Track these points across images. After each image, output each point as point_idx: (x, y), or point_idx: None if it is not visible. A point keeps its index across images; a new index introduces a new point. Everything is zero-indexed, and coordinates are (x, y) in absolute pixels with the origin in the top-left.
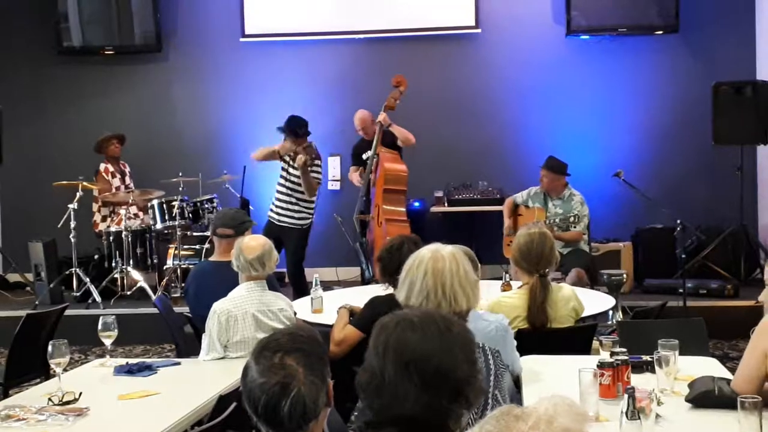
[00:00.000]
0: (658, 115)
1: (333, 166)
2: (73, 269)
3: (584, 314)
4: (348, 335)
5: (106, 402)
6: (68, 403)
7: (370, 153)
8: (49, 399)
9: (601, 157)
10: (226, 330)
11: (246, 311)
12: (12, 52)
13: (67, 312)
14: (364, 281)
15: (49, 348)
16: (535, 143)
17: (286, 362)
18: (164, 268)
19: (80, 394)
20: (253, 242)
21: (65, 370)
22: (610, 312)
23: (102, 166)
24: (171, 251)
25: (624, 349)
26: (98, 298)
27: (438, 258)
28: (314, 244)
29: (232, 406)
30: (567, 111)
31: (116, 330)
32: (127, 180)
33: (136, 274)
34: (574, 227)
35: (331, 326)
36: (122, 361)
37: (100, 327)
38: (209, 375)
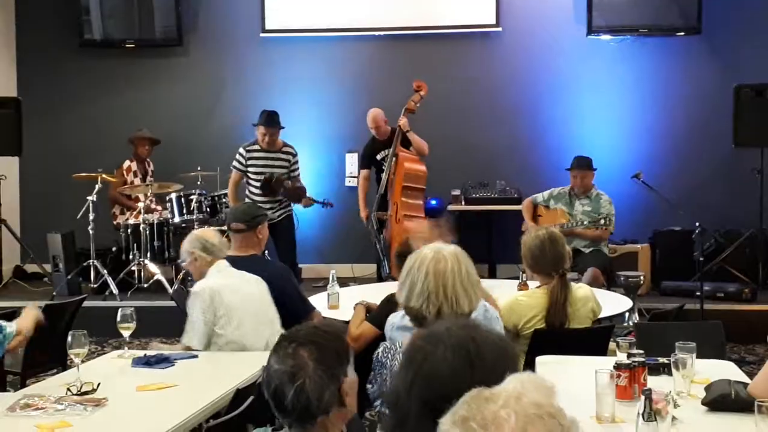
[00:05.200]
0: (678, 117)
1: (351, 162)
2: (91, 261)
3: (601, 315)
4: (364, 332)
5: (124, 393)
6: (86, 393)
7: (385, 153)
8: (68, 389)
9: (620, 158)
10: (210, 306)
11: (224, 284)
12: (34, 44)
13: (84, 303)
14: (381, 278)
15: (69, 338)
16: (554, 143)
17: (298, 353)
18: (180, 261)
19: (98, 384)
20: (202, 230)
21: (83, 360)
22: (627, 314)
23: (126, 164)
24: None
25: (641, 351)
26: (115, 290)
27: (440, 258)
28: (331, 240)
29: (250, 400)
30: (586, 111)
31: (135, 322)
32: (149, 180)
33: (153, 267)
34: (605, 227)
35: (347, 322)
36: (140, 352)
37: (118, 319)
38: (226, 368)
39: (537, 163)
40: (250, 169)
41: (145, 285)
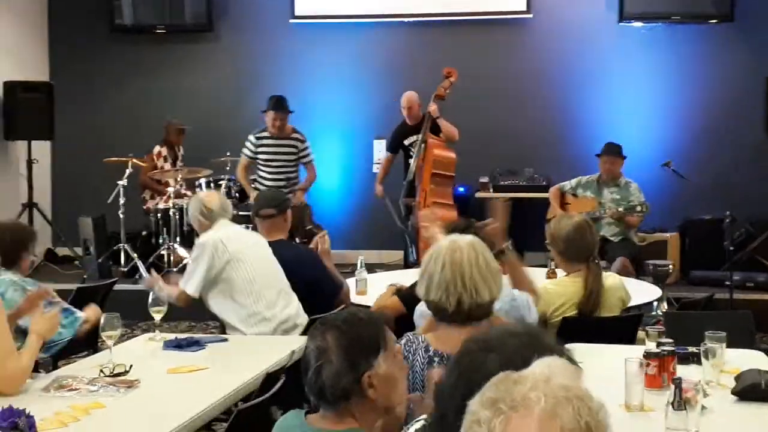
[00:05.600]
0: (709, 105)
1: (379, 149)
2: (121, 245)
3: (630, 304)
4: (390, 304)
5: (156, 375)
6: (119, 375)
7: (414, 138)
8: (101, 371)
9: (649, 146)
10: (214, 255)
11: (231, 234)
12: (66, 29)
13: (114, 287)
14: (408, 264)
15: (102, 320)
16: (584, 131)
17: (325, 335)
18: None
19: (131, 366)
20: (207, 193)
21: (115, 343)
22: (655, 303)
23: (156, 149)
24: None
25: (671, 340)
26: (145, 274)
27: (455, 249)
28: (357, 227)
29: (280, 383)
30: (617, 99)
31: (166, 305)
32: (179, 165)
33: (182, 251)
34: (641, 213)
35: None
36: (171, 335)
37: (150, 302)
38: (257, 351)
39: (566, 152)
40: (260, 156)
41: (175, 269)
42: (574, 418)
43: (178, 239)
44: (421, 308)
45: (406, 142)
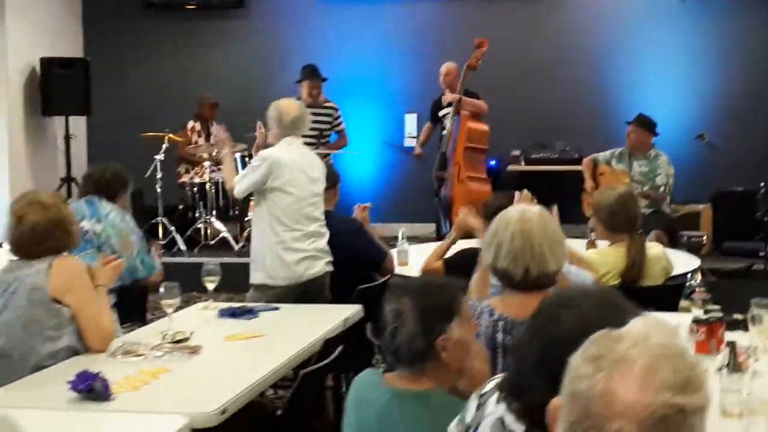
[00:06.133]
0: (742, 76)
1: (410, 122)
2: (159, 218)
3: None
4: (437, 267)
5: (215, 342)
6: (180, 341)
7: (448, 111)
8: (163, 337)
9: (682, 118)
10: (270, 172)
11: (291, 160)
12: (99, 6)
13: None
14: (440, 237)
15: (161, 290)
16: (616, 104)
17: (402, 300)
18: (245, 219)
19: (191, 333)
20: (288, 102)
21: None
22: (689, 274)
23: (190, 124)
24: (252, 203)
25: (718, 306)
26: (183, 247)
27: (526, 219)
28: (389, 200)
29: (339, 349)
30: (649, 70)
31: (219, 276)
32: (212, 140)
33: (219, 225)
34: (664, 193)
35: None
36: (224, 304)
37: (203, 273)
38: (310, 319)
39: (598, 124)
40: None
41: (211, 242)
42: (673, 374)
43: (214, 213)
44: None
45: (440, 114)
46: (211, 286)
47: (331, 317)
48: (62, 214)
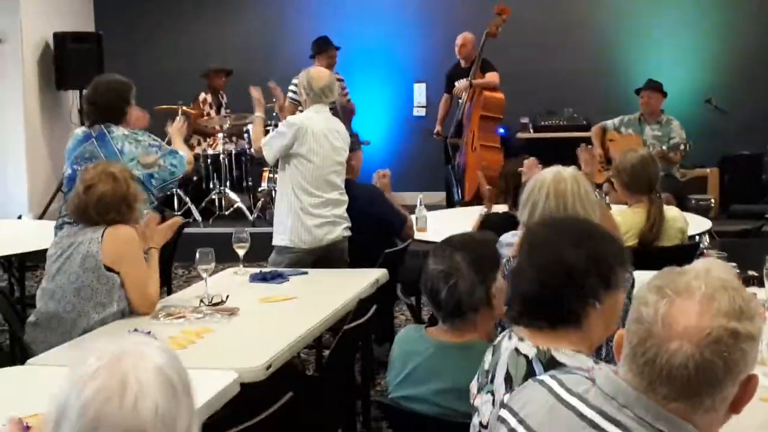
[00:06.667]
0: (750, 40)
1: (419, 92)
2: (174, 189)
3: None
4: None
5: (250, 304)
6: (218, 304)
7: (462, 81)
8: (201, 300)
9: (689, 83)
10: (296, 138)
11: (317, 128)
12: None
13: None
14: (451, 204)
15: (197, 255)
16: (623, 70)
17: (453, 256)
18: (259, 190)
19: (227, 297)
20: (318, 71)
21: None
22: (698, 237)
23: (201, 96)
24: (265, 174)
25: (734, 264)
26: (198, 218)
27: (560, 180)
28: (398, 169)
29: (373, 309)
30: (655, 36)
31: (249, 242)
32: (223, 112)
33: (233, 195)
34: (684, 152)
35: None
36: (254, 269)
37: (234, 239)
38: (339, 282)
39: (606, 91)
40: None
41: (226, 213)
42: (730, 303)
43: (228, 184)
44: (504, 239)
45: (456, 84)
46: (241, 252)
47: (358, 280)
48: (130, 190)
